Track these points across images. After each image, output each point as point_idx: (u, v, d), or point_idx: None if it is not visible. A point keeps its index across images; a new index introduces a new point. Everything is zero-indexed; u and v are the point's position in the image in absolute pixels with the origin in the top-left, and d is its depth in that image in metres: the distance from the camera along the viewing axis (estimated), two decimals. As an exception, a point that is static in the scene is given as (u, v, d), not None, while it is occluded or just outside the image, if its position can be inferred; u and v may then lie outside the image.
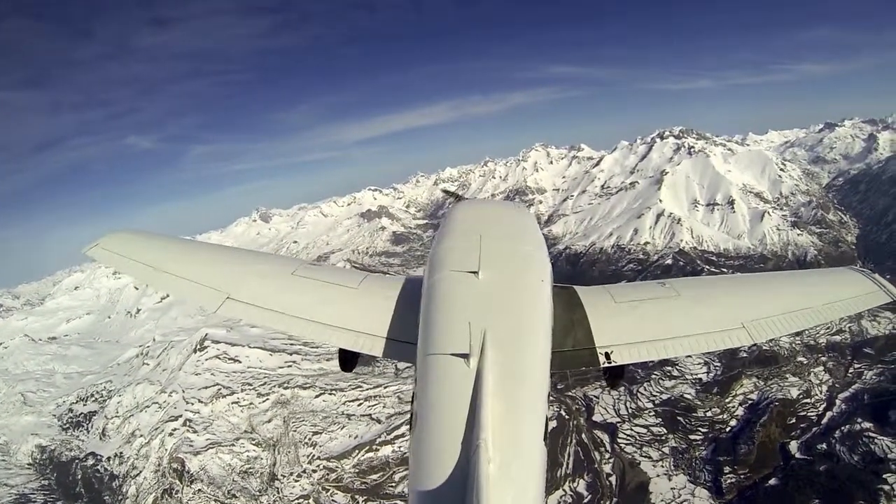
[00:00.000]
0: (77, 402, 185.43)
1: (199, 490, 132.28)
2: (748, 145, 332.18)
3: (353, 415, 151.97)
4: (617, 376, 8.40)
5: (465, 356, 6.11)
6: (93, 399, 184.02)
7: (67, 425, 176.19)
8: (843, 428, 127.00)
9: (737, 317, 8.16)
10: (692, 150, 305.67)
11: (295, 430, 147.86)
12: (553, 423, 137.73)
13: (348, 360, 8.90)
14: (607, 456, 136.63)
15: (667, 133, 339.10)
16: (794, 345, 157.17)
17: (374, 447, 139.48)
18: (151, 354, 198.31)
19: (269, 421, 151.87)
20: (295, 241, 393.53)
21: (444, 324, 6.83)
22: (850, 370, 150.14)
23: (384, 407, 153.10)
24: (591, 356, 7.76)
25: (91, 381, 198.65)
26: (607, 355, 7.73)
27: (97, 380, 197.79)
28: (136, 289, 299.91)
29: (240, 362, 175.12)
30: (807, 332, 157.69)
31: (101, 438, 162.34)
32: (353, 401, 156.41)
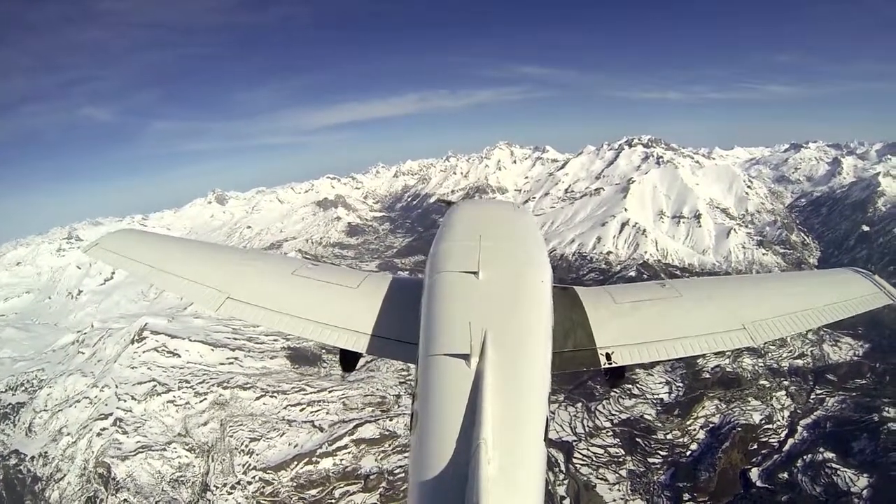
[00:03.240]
0: (6, 391, 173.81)
1: (125, 500, 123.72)
2: (714, 159, 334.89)
3: (295, 421, 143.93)
4: (618, 377, 8.33)
5: (466, 356, 6.15)
6: (22, 388, 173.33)
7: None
8: (805, 457, 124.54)
9: (737, 318, 8.24)
10: (661, 160, 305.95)
11: (231, 436, 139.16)
12: None
13: (349, 360, 8.89)
14: (561, 477, 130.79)
15: (635, 141, 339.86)
16: (756, 367, 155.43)
17: (315, 458, 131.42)
18: (87, 342, 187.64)
19: (206, 424, 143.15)
20: (249, 227, 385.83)
21: (444, 324, 6.89)
22: (812, 396, 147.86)
23: (327, 413, 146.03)
24: (591, 357, 7.87)
25: (23, 367, 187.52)
26: (608, 356, 7.83)
27: (29, 367, 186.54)
28: (79, 268, 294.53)
29: (179, 356, 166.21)
30: (770, 355, 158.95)
31: (27, 434, 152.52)
32: (295, 405, 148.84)
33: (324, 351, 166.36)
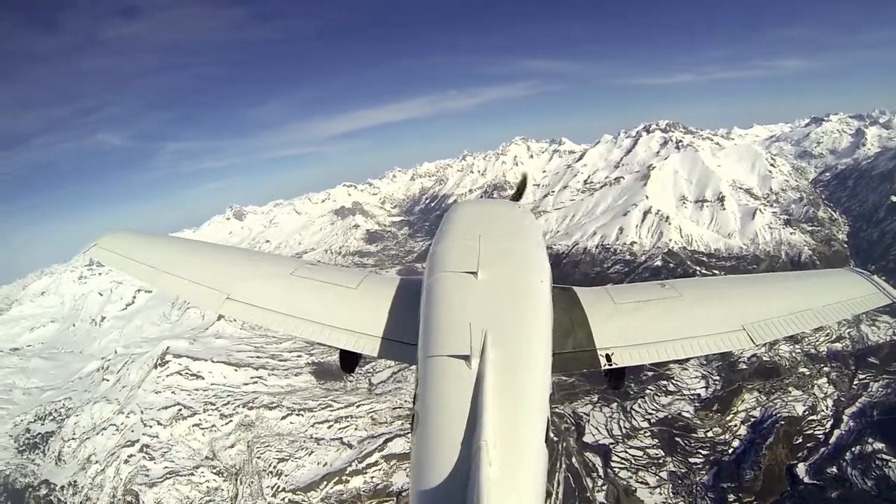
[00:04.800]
0: (35, 420, 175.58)
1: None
2: (733, 139, 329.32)
3: (323, 439, 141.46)
4: (618, 378, 8.29)
5: (466, 357, 6.10)
6: (51, 418, 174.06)
7: (24, 447, 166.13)
8: (853, 449, 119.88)
9: (737, 319, 8.22)
10: (680, 144, 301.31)
11: (259, 457, 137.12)
12: None
13: (348, 360, 8.79)
14: (600, 483, 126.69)
15: (653, 127, 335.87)
16: (794, 354, 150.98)
17: (345, 477, 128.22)
18: (112, 369, 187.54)
19: (232, 446, 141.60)
20: (267, 241, 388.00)
21: (444, 325, 6.85)
22: (855, 382, 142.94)
23: (356, 429, 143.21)
24: (591, 358, 7.83)
25: (50, 396, 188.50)
26: (608, 357, 7.79)
27: (57, 396, 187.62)
28: (101, 295, 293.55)
29: (203, 378, 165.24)
30: (806, 340, 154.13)
31: (56, 463, 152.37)
32: (322, 422, 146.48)
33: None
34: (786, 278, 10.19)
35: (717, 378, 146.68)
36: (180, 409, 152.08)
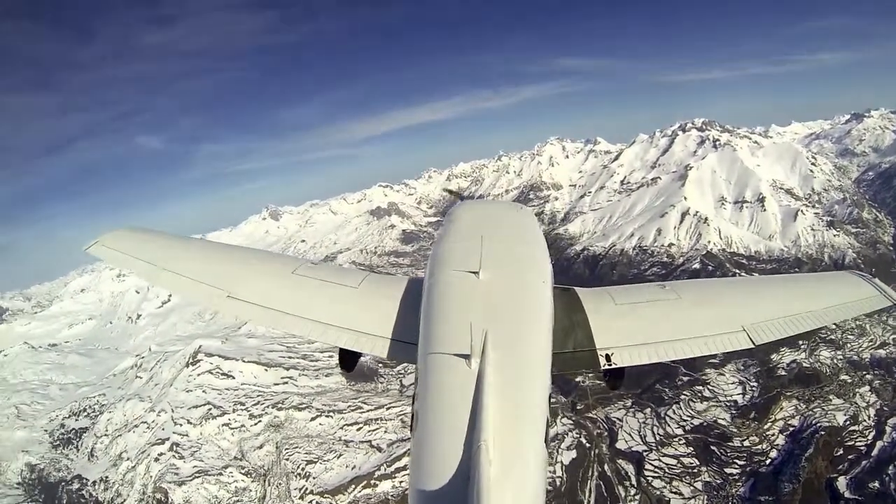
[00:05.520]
0: (70, 416, 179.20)
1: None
2: (771, 137, 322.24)
3: (352, 441, 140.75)
4: (617, 378, 8.23)
5: (467, 357, 6.12)
6: (85, 414, 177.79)
7: (58, 442, 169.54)
8: None
9: (737, 320, 8.24)
10: (717, 142, 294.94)
11: (287, 459, 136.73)
12: (573, 454, 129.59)
13: (348, 359, 8.82)
14: (633, 492, 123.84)
15: (689, 125, 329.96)
16: (835, 360, 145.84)
17: (373, 481, 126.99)
18: (145, 367, 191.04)
19: (261, 447, 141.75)
20: (303, 241, 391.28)
21: (445, 324, 6.89)
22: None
23: (385, 432, 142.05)
24: (591, 358, 7.82)
25: (85, 393, 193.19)
26: (608, 357, 7.79)
27: (91, 392, 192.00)
28: (138, 293, 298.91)
29: (233, 378, 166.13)
30: (849, 346, 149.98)
31: (89, 459, 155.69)
32: (351, 424, 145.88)
33: (380, 365, 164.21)
34: (786, 280, 10.25)
35: (755, 384, 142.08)
36: (210, 409, 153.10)
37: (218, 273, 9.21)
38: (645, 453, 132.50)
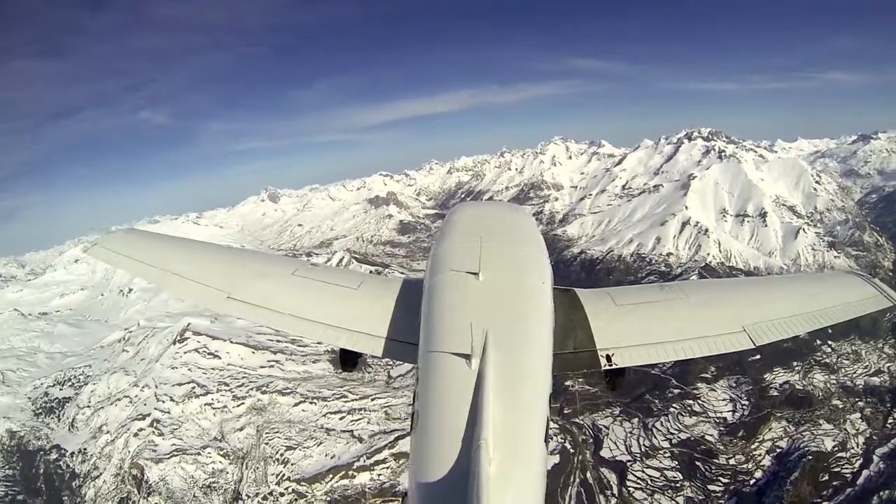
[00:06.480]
0: (54, 385, 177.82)
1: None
2: (776, 152, 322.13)
3: (333, 430, 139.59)
4: (617, 378, 8.27)
5: (467, 357, 6.10)
6: (69, 384, 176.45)
7: (40, 410, 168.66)
8: (881, 493, 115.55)
9: (738, 320, 8.18)
10: (722, 153, 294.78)
11: (267, 443, 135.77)
12: (556, 459, 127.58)
13: (348, 360, 8.88)
14: (613, 502, 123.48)
15: (695, 134, 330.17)
16: (828, 384, 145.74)
17: (351, 472, 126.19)
18: (133, 341, 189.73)
19: (242, 429, 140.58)
20: (300, 225, 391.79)
21: (445, 324, 6.85)
22: (890, 420, 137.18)
23: (368, 423, 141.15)
24: (591, 358, 7.81)
25: (72, 363, 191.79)
26: (608, 358, 7.78)
27: (77, 363, 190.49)
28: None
29: (219, 358, 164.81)
30: (843, 371, 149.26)
31: (69, 429, 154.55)
32: (334, 413, 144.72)
33: (368, 355, 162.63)
34: (787, 280, 10.51)
35: (746, 402, 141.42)
36: (194, 387, 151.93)
37: (218, 274, 9.25)
38: (629, 463, 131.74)
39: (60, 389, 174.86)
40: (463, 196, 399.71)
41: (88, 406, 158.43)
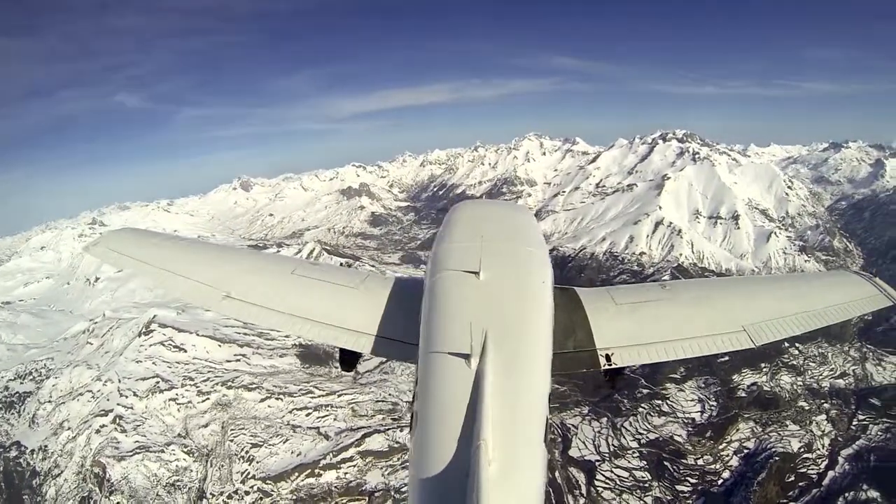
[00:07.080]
0: (15, 378, 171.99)
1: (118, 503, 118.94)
2: (749, 157, 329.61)
3: (299, 426, 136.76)
4: (617, 374, 8.27)
5: (467, 356, 6.15)
6: (31, 377, 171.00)
7: (0, 406, 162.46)
8: (846, 494, 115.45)
9: (737, 319, 8.23)
10: (697, 156, 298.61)
11: (232, 440, 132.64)
12: None
13: (348, 360, 8.91)
14: (582, 502, 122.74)
15: (669, 135, 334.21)
16: (795, 386, 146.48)
17: (318, 470, 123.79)
18: (97, 333, 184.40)
19: (206, 425, 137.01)
20: (271, 214, 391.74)
21: (445, 324, 6.89)
22: (854, 422, 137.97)
23: (335, 420, 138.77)
24: (591, 358, 7.86)
25: (34, 355, 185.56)
26: (608, 357, 7.83)
27: (40, 355, 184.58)
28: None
29: (185, 351, 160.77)
30: (809, 373, 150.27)
31: (30, 425, 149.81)
32: (301, 409, 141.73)
33: (336, 350, 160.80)
34: (787, 279, 10.40)
35: (714, 403, 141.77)
36: (158, 382, 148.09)
37: (216, 273, 9.29)
38: (597, 463, 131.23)
39: (21, 383, 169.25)
40: (435, 189, 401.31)
41: (50, 401, 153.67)
